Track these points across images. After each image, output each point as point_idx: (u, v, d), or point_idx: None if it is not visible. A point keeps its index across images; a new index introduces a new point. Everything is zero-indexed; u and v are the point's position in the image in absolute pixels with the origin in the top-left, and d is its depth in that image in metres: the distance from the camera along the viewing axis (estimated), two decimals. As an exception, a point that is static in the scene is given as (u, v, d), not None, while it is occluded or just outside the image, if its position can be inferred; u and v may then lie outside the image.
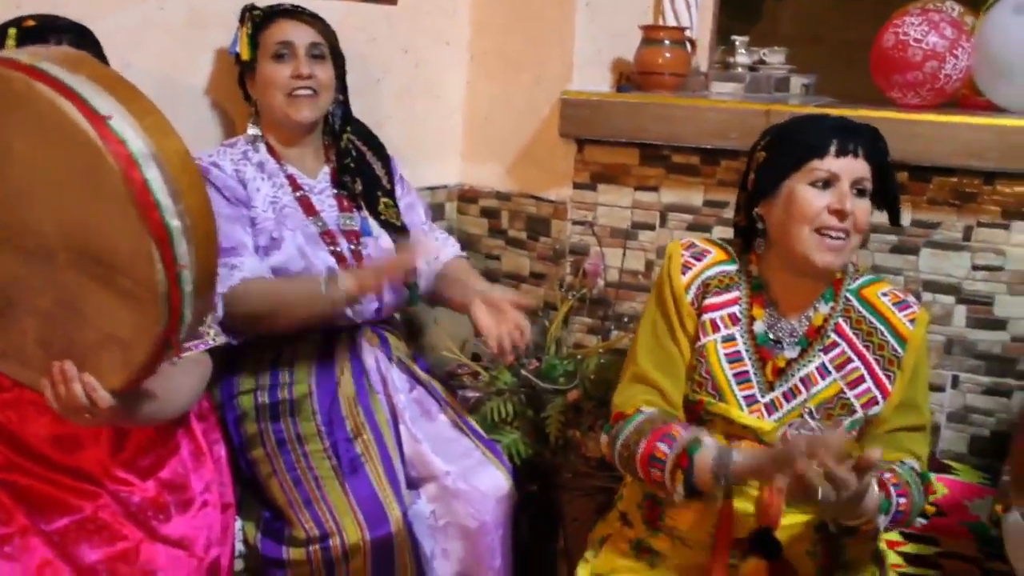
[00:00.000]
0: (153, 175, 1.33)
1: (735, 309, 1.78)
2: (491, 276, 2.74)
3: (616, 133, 2.43)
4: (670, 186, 2.45)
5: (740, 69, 2.73)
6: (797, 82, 2.80)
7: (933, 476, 1.89)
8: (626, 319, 2.50)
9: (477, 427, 2.24)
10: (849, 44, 2.79)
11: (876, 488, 1.57)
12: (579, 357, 2.41)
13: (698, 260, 1.81)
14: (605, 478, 2.30)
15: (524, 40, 2.63)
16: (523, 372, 2.36)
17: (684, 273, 1.79)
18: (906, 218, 2.24)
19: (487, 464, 2.15)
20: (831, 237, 1.65)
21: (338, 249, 2.15)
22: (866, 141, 1.69)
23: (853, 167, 1.67)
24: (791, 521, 1.70)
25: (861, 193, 1.68)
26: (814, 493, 1.43)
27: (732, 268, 1.80)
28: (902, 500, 1.63)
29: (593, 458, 2.32)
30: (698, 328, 1.77)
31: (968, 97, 2.40)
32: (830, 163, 1.66)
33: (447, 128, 2.79)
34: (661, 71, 2.48)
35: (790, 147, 1.71)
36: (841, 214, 1.65)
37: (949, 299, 2.23)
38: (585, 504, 2.40)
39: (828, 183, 1.67)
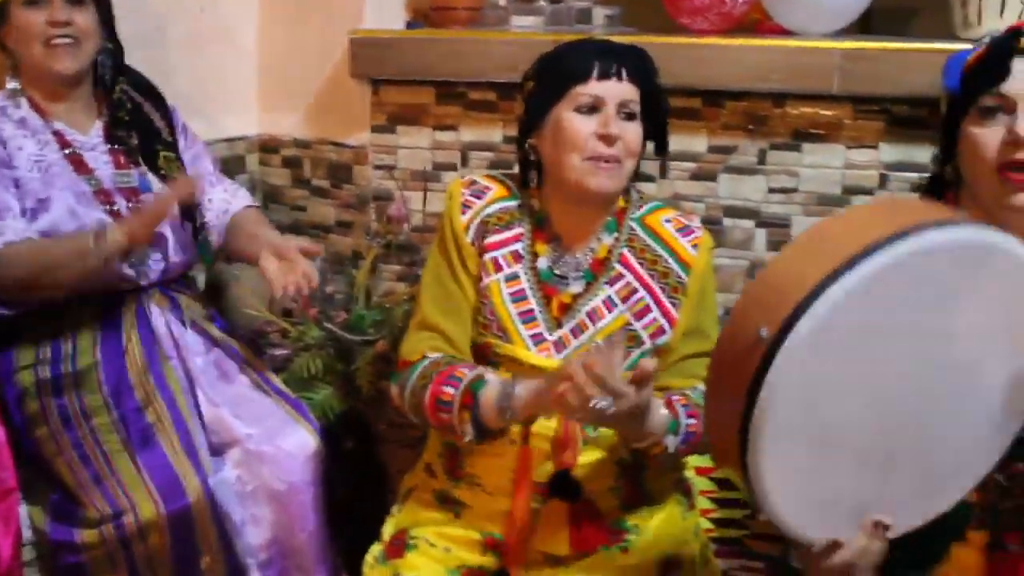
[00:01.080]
0: None
1: (518, 246, 1.74)
2: (298, 228, 2.64)
3: (410, 72, 2.35)
4: (469, 124, 2.38)
5: (540, 2, 2.68)
6: (600, 13, 2.76)
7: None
8: (435, 264, 2.44)
9: (281, 386, 2.16)
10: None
11: (663, 409, 1.57)
12: (387, 306, 2.35)
13: (478, 198, 1.76)
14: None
15: (315, -22, 2.51)
16: (328, 325, 2.28)
17: (464, 212, 1.74)
18: (702, 144, 2.24)
19: (292, 423, 2.07)
20: (602, 161, 1.63)
21: (115, 208, 2.02)
22: (630, 63, 1.66)
23: (618, 90, 1.64)
24: (589, 459, 1.69)
25: (629, 116, 1.65)
26: (592, 407, 1.40)
27: (513, 204, 1.76)
28: (692, 422, 1.63)
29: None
30: (481, 268, 1.73)
31: (762, 22, 2.40)
32: (593, 87, 1.63)
33: (242, 76, 2.65)
34: (454, 6, 2.41)
35: (553, 75, 1.68)
36: (608, 138, 1.62)
37: (749, 223, 2.24)
38: (406, 456, 2.34)
39: (594, 108, 1.63)
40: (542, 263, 1.73)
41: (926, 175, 2.13)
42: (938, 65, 2.02)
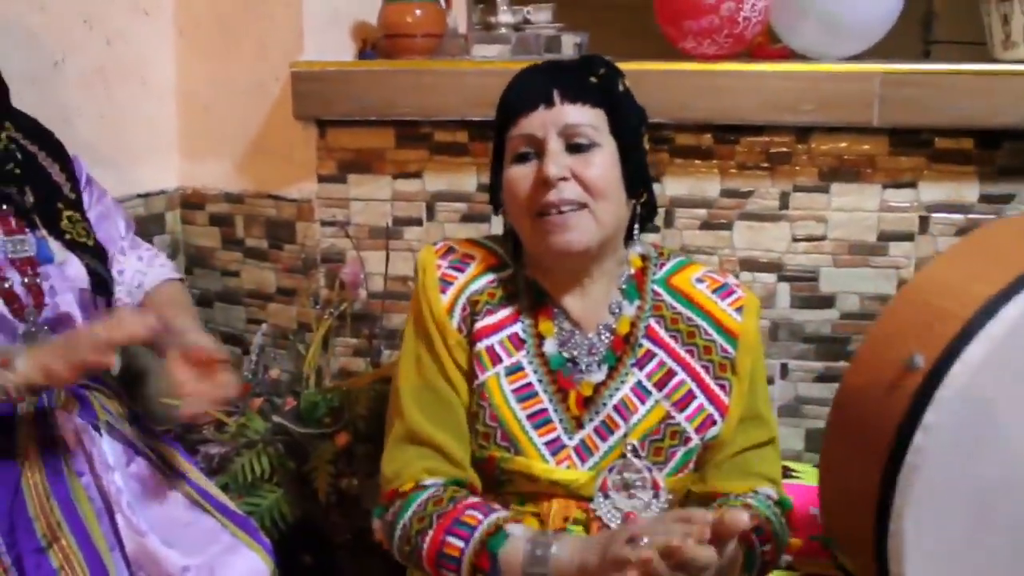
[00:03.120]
0: None
1: (516, 328, 1.38)
2: (230, 296, 2.23)
3: (364, 110, 1.97)
4: (436, 170, 2.02)
5: (504, 29, 2.34)
6: (569, 41, 2.43)
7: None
8: (399, 336, 2.05)
9: (222, 499, 1.74)
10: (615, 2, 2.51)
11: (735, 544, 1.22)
12: (345, 389, 1.96)
13: (459, 271, 1.40)
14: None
15: (241, 4, 2.11)
16: (276, 418, 1.89)
17: (444, 291, 1.38)
18: (714, 187, 1.92)
19: (239, 547, 1.65)
20: (553, 213, 1.29)
21: (7, 285, 1.59)
22: (568, 79, 1.32)
23: (554, 117, 1.30)
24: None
25: (581, 147, 1.30)
26: None
27: (504, 275, 1.41)
28: (767, 548, 1.30)
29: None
30: (473, 361, 1.36)
31: (762, 46, 2.10)
32: (522, 126, 1.32)
33: (158, 120, 2.24)
34: (412, 32, 2.04)
35: (497, 125, 1.38)
36: (545, 184, 1.28)
37: (770, 277, 1.93)
38: (374, 565, 1.96)
39: (533, 152, 1.31)
40: (549, 347, 1.37)
41: (973, 216, 1.87)
42: (991, 90, 1.76)
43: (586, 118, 1.31)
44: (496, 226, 1.99)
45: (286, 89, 2.02)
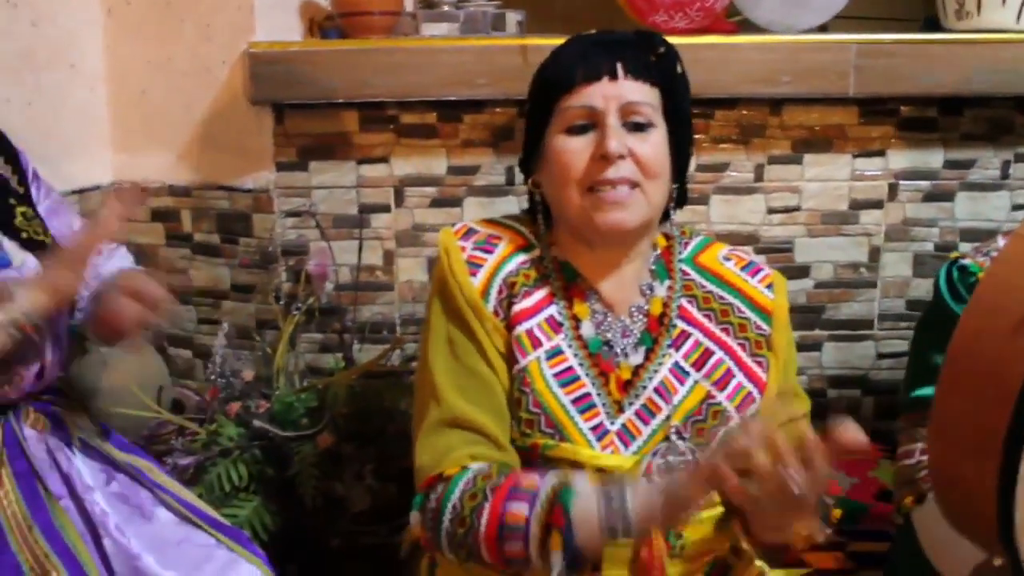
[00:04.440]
0: None
1: (552, 311, 1.33)
2: (178, 296, 2.09)
3: (327, 93, 1.86)
4: (403, 154, 1.94)
5: (446, 7, 2.27)
6: (512, 19, 2.38)
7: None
8: (370, 329, 1.97)
9: (211, 512, 1.63)
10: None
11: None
12: (322, 387, 1.86)
13: (488, 252, 1.34)
14: (383, 531, 1.81)
15: (180, -19, 1.98)
16: (258, 423, 1.78)
17: (474, 274, 1.32)
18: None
19: (238, 561, 1.55)
20: (608, 190, 1.26)
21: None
22: (633, 54, 1.28)
23: (616, 91, 1.26)
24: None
25: (640, 126, 1.27)
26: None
27: (534, 255, 1.36)
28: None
29: (363, 512, 1.82)
30: (512, 346, 1.31)
31: (718, 19, 2.10)
32: (581, 96, 1.27)
33: (90, 108, 2.06)
34: (369, 9, 1.94)
35: (539, 90, 1.32)
36: (604, 159, 1.25)
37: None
38: (366, 571, 1.88)
39: (589, 124, 1.27)
40: (587, 330, 1.33)
41: (938, 182, 1.92)
42: (956, 59, 1.81)
43: (646, 96, 1.27)
44: (470, 210, 1.93)
45: (235, 72, 1.91)
